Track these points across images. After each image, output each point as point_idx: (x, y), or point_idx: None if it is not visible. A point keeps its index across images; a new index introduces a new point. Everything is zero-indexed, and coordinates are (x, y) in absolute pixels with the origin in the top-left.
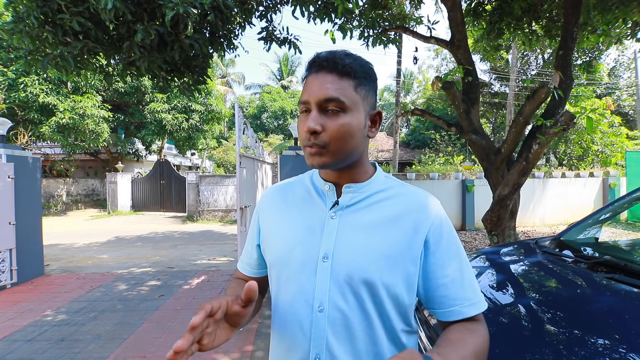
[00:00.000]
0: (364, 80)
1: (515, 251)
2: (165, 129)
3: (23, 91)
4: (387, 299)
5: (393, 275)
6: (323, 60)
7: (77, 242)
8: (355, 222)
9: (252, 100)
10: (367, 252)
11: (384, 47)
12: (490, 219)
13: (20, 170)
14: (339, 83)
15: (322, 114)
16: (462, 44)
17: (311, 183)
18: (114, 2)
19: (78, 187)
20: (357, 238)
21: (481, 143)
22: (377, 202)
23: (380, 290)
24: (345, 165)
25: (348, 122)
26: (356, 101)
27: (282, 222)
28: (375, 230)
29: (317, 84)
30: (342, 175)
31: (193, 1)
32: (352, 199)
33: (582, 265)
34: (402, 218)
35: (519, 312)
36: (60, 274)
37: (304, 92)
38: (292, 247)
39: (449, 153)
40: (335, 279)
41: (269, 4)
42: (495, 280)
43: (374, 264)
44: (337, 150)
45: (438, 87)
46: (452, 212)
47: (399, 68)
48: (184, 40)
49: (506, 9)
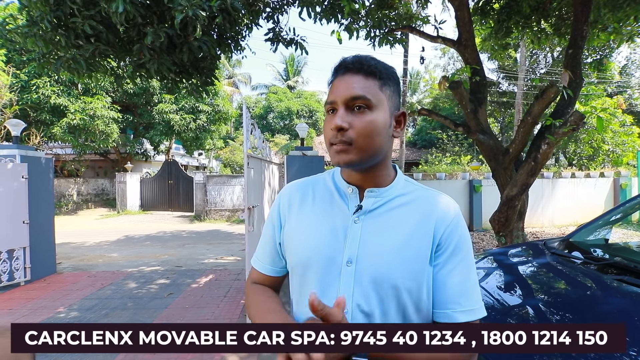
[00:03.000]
0: (388, 81)
1: (524, 252)
2: (173, 129)
3: (35, 93)
4: (409, 302)
5: (415, 279)
6: (349, 63)
7: (87, 241)
8: (378, 228)
9: (259, 101)
10: (391, 258)
11: (390, 47)
12: (498, 219)
13: (34, 170)
14: (365, 82)
15: (348, 112)
16: (470, 43)
17: (333, 184)
18: (124, 6)
19: (88, 186)
20: (380, 244)
21: (489, 143)
22: (398, 206)
23: (403, 294)
24: (370, 166)
25: (374, 119)
26: (382, 99)
27: (304, 222)
28: (397, 235)
29: (344, 85)
30: (365, 177)
31: (201, 4)
32: (374, 203)
33: (591, 267)
34: (422, 223)
35: (527, 313)
36: (72, 272)
37: (330, 94)
38: (316, 249)
39: (456, 153)
40: (359, 283)
41: (276, 5)
42: (503, 282)
43: (398, 269)
44: (364, 147)
45: (445, 87)
46: None
47: (406, 67)
48: (193, 43)
49: (514, 7)
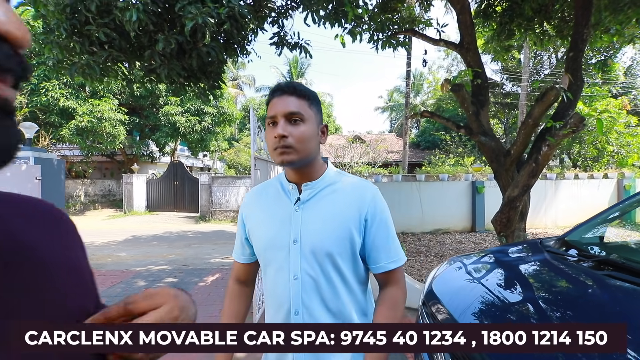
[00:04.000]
0: (314, 102)
1: (520, 250)
2: (178, 131)
3: (44, 95)
4: (343, 264)
5: (344, 246)
6: (285, 87)
7: (96, 241)
8: (313, 212)
9: (263, 102)
10: (324, 233)
11: (393, 50)
12: (499, 220)
13: (47, 171)
14: (298, 102)
15: (287, 124)
16: (472, 46)
17: (280, 184)
18: (138, 15)
19: (95, 187)
20: (316, 224)
21: (490, 145)
22: (328, 194)
23: (336, 258)
24: (304, 164)
25: (307, 130)
26: (311, 115)
27: (262, 218)
28: (327, 216)
29: (282, 103)
30: (302, 175)
31: (210, 11)
32: (309, 195)
33: (584, 264)
34: (348, 204)
35: (521, 306)
36: None
37: (271, 110)
38: (271, 236)
39: (460, 154)
40: (303, 255)
41: (281, 9)
42: (499, 277)
43: (330, 241)
44: (300, 150)
45: (447, 90)
46: (462, 213)
47: (409, 69)
48: (202, 48)
49: (517, 9)
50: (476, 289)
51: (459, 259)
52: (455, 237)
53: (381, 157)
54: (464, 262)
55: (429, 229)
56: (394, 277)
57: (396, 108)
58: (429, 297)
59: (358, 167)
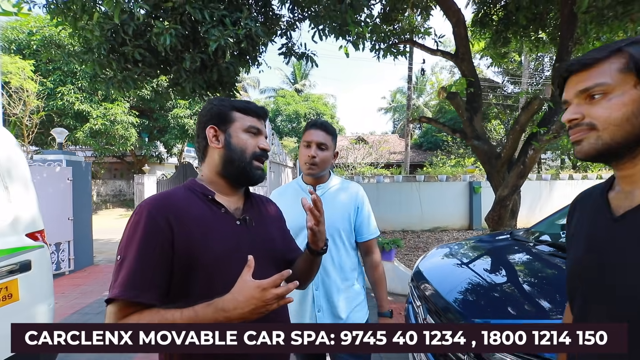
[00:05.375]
0: (334, 136)
1: (494, 238)
2: (187, 133)
3: (60, 100)
4: (344, 235)
5: (345, 223)
6: (320, 124)
7: (113, 238)
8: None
9: (267, 104)
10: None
11: (394, 58)
12: (492, 218)
13: (76, 173)
14: (326, 136)
15: (317, 149)
16: (466, 57)
17: (298, 186)
18: (170, 39)
19: (107, 188)
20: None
21: (483, 148)
22: (333, 192)
23: (340, 231)
24: (320, 175)
25: (327, 154)
26: (331, 145)
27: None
28: (335, 204)
29: (316, 134)
30: (316, 180)
31: (230, 33)
32: (321, 192)
33: (537, 247)
34: (346, 197)
35: (485, 273)
36: (106, 264)
37: (307, 136)
38: (296, 218)
39: (461, 155)
40: None
41: (289, 22)
42: (471, 256)
43: (337, 220)
44: (321, 166)
45: (443, 97)
46: (459, 212)
47: (410, 74)
48: (222, 64)
49: (512, 18)
50: (452, 265)
51: (442, 246)
52: (453, 235)
53: (384, 158)
54: (446, 247)
55: (428, 227)
56: (372, 245)
57: (399, 109)
58: (417, 276)
59: (361, 168)
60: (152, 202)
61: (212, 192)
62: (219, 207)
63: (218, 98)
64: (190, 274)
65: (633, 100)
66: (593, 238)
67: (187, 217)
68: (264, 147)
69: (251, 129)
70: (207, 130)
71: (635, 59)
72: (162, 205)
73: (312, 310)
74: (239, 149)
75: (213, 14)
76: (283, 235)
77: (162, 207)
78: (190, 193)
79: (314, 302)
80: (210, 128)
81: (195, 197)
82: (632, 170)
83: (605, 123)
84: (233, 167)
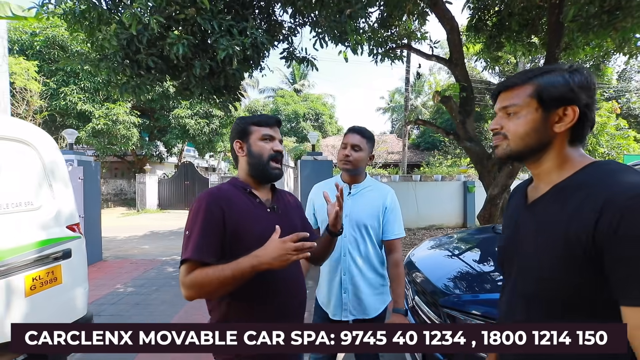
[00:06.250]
0: (369, 140)
1: (478, 232)
2: (188, 133)
3: (63, 100)
4: (372, 232)
5: (373, 220)
6: (356, 129)
7: (118, 236)
8: (358, 201)
9: (266, 104)
10: (363, 213)
11: (391, 63)
12: (483, 216)
13: (87, 172)
14: (361, 139)
15: (351, 150)
16: (460, 62)
17: (340, 182)
18: (183, 49)
19: (108, 187)
20: (359, 207)
21: (475, 149)
22: (367, 192)
23: (369, 228)
24: (355, 173)
25: (361, 155)
26: (365, 147)
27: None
28: (366, 202)
29: (352, 137)
30: (352, 178)
31: (237, 42)
32: (355, 191)
33: None
34: (377, 198)
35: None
36: (115, 260)
37: (345, 139)
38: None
39: (457, 155)
40: (350, 224)
41: (291, 27)
42: (458, 247)
43: (366, 217)
44: (356, 165)
45: (437, 100)
46: (454, 210)
47: (407, 77)
48: (229, 71)
49: (505, 24)
50: (441, 255)
51: (432, 239)
52: (448, 232)
53: (382, 158)
54: (434, 240)
55: (423, 225)
56: (396, 245)
57: (397, 109)
58: (408, 265)
59: None
60: (209, 193)
61: (249, 186)
62: (254, 198)
63: (240, 117)
64: (236, 244)
65: (534, 120)
66: (512, 220)
67: (233, 204)
68: (277, 149)
69: (265, 137)
70: (234, 144)
71: (539, 89)
72: (216, 195)
73: (339, 290)
74: (257, 154)
75: (221, 24)
76: (303, 221)
77: (216, 197)
78: (233, 187)
79: (341, 284)
80: (236, 142)
81: (237, 191)
82: (537, 170)
83: (513, 135)
84: (255, 168)
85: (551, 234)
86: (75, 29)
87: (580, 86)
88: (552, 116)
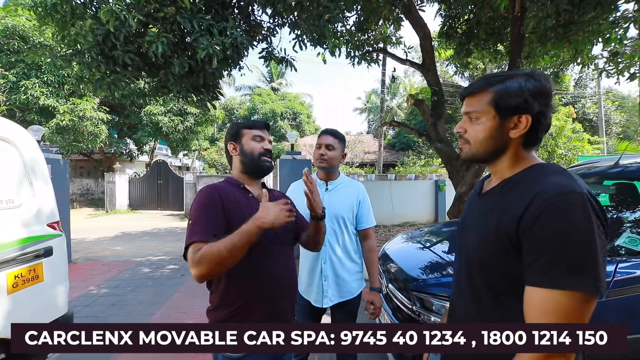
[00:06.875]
0: (341, 141)
1: (446, 226)
2: (161, 130)
3: (24, 94)
4: (348, 222)
5: (349, 213)
6: (329, 130)
7: (87, 237)
8: (334, 196)
9: (243, 102)
10: (339, 207)
11: (367, 66)
12: (452, 213)
13: (55, 171)
14: (334, 139)
15: (325, 150)
16: (431, 67)
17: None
18: (162, 47)
19: (73, 186)
20: (336, 201)
21: (446, 150)
22: (342, 187)
23: (346, 220)
24: (330, 171)
25: (336, 154)
26: (338, 147)
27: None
28: (341, 197)
29: (326, 138)
30: (328, 176)
31: (217, 42)
32: (332, 187)
33: None
34: (351, 192)
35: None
36: (85, 262)
37: (319, 140)
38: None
39: (430, 155)
40: (329, 217)
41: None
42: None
43: (343, 210)
44: (331, 164)
45: (411, 103)
46: (426, 208)
47: (383, 79)
48: (208, 70)
49: (473, 32)
50: (413, 247)
51: (404, 233)
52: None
53: (358, 158)
54: (406, 234)
55: (398, 222)
56: (369, 233)
57: (374, 110)
58: (383, 257)
59: None
60: (208, 187)
61: (242, 183)
62: (248, 193)
63: (234, 123)
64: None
65: (491, 127)
66: (468, 209)
67: (230, 195)
68: (267, 147)
69: (256, 137)
70: (229, 146)
71: (496, 97)
72: (215, 187)
73: (320, 279)
74: (249, 152)
75: (201, 24)
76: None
77: (215, 188)
78: (229, 184)
79: (322, 273)
80: (230, 144)
81: (232, 187)
82: (495, 169)
83: (474, 140)
84: (248, 164)
85: (489, 222)
86: (46, 22)
87: (535, 94)
88: (508, 123)
